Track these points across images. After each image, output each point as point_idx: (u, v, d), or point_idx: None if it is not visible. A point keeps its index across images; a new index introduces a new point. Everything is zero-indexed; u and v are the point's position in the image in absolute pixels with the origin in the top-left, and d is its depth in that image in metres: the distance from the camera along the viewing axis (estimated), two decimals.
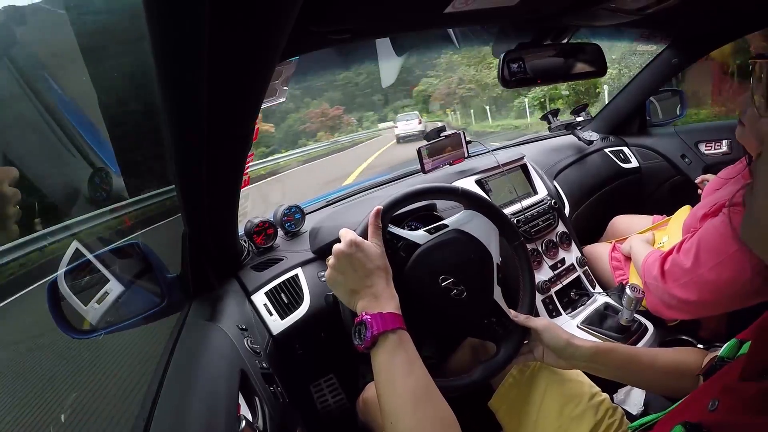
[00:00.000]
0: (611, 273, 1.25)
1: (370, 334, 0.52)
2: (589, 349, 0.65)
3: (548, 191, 1.30)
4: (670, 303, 0.88)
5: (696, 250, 0.81)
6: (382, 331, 0.52)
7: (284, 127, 22.25)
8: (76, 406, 2.23)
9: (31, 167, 0.87)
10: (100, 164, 0.93)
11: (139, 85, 1.29)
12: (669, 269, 0.88)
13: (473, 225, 0.75)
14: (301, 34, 0.60)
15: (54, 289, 0.69)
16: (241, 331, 0.73)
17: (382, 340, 0.53)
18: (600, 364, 0.66)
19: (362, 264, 0.59)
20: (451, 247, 0.72)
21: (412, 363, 0.52)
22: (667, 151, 1.69)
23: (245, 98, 0.46)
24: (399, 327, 0.54)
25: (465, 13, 0.67)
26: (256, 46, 0.38)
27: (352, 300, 0.59)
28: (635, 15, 0.91)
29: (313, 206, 1.26)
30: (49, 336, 2.83)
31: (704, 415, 0.33)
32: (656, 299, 0.92)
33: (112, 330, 0.72)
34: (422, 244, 0.70)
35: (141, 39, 0.33)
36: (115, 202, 2.75)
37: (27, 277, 3.66)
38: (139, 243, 0.79)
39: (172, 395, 0.52)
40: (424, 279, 0.69)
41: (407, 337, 0.54)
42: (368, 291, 0.57)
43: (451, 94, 19.43)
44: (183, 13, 0.31)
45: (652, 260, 0.95)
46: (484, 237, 0.74)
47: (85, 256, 0.77)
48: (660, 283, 0.88)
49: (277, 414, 0.60)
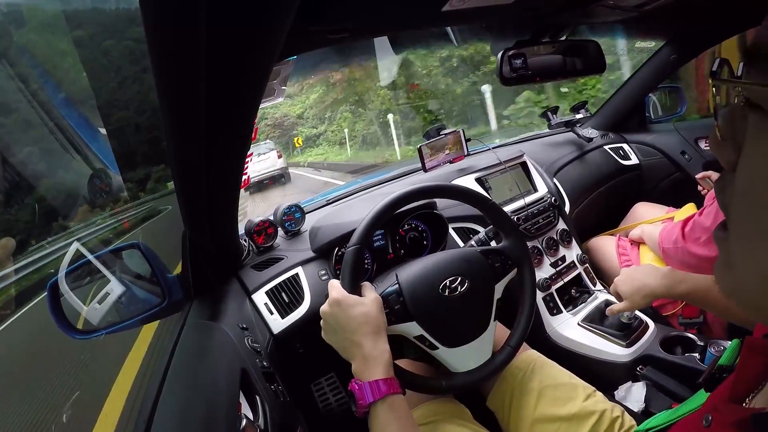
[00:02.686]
0: (617, 262, 1.28)
1: (361, 405, 0.53)
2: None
3: (548, 189, 1.30)
4: (690, 262, 0.96)
5: (716, 211, 0.88)
6: (372, 401, 0.53)
7: None
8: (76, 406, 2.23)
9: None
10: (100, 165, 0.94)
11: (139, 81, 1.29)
12: (689, 230, 0.97)
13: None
14: (299, 33, 0.60)
15: (55, 289, 0.69)
16: (241, 330, 0.73)
17: (373, 409, 0.53)
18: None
19: (346, 322, 0.58)
20: (481, 268, 0.73)
21: (405, 429, 0.53)
22: (666, 147, 1.69)
23: (244, 98, 0.46)
24: (389, 393, 0.53)
25: (463, 11, 0.67)
26: (254, 46, 0.38)
27: (348, 358, 0.59)
28: (633, 11, 0.91)
29: (313, 205, 1.26)
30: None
31: (700, 429, 0.33)
32: (675, 262, 1.01)
33: (113, 330, 0.72)
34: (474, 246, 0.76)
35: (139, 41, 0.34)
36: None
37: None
38: (139, 243, 0.80)
39: (174, 394, 0.53)
40: (428, 276, 0.70)
41: (399, 402, 0.54)
42: (358, 352, 0.57)
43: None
44: (180, 13, 0.31)
45: (670, 227, 1.05)
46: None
47: (85, 257, 0.77)
48: (680, 244, 0.98)
49: (278, 412, 0.60)
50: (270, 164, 9.56)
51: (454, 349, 0.69)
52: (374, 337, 0.58)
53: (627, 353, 0.97)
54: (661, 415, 0.54)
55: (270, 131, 13.90)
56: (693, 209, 1.29)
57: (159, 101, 0.41)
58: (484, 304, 0.72)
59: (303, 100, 13.96)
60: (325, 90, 13.02)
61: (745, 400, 0.33)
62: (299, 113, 14.03)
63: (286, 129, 14.02)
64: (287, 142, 13.48)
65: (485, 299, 0.72)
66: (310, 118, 13.84)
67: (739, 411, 0.30)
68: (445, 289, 0.69)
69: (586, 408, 0.71)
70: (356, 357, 0.57)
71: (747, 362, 0.34)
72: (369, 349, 0.57)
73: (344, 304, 0.59)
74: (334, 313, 0.59)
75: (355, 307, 0.59)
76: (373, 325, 0.59)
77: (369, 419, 0.54)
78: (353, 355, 0.58)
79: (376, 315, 0.60)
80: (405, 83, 9.62)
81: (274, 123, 14.00)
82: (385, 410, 0.53)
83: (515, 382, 0.77)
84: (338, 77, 11.94)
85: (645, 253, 1.24)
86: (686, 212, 1.29)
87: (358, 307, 0.59)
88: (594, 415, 0.70)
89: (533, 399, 0.74)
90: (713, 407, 0.34)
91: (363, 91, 11.56)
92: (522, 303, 0.77)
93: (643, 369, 0.93)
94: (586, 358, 1.03)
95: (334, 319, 0.59)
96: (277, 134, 13.69)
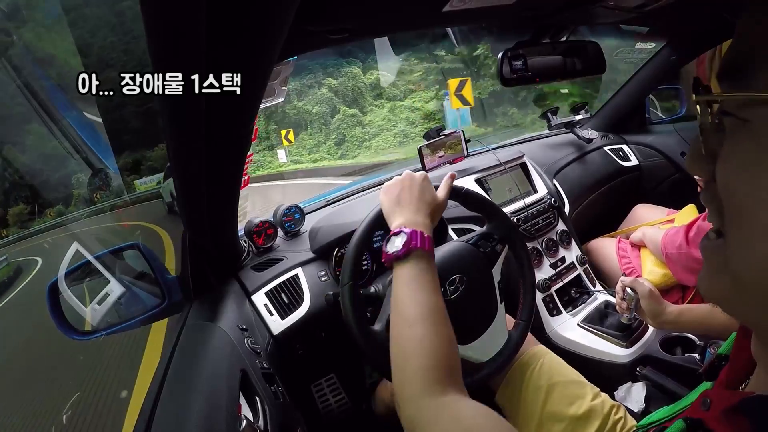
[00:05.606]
0: (617, 264, 1.28)
1: (407, 246, 0.52)
2: (674, 310, 0.77)
3: (548, 190, 1.30)
4: (694, 267, 0.96)
5: None
6: (419, 247, 0.53)
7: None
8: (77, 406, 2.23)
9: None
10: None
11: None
12: (694, 235, 0.96)
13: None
14: (298, 34, 0.60)
15: (54, 289, 0.69)
16: (241, 331, 0.73)
17: (415, 255, 0.52)
18: (685, 321, 0.76)
19: (423, 191, 0.61)
20: (473, 259, 0.74)
21: (437, 284, 0.53)
22: (666, 148, 1.69)
23: (244, 98, 0.46)
24: (432, 252, 0.55)
25: (463, 11, 0.67)
26: (254, 47, 0.38)
27: (395, 211, 0.59)
28: (633, 13, 0.91)
29: (312, 206, 1.26)
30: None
31: (699, 413, 0.33)
32: (679, 267, 1.01)
33: (113, 331, 0.72)
34: (457, 238, 0.76)
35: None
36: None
37: None
38: (139, 244, 0.79)
39: (173, 395, 0.52)
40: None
41: (435, 264, 0.55)
42: (412, 213, 0.58)
43: None
44: (180, 13, 0.31)
45: (673, 232, 1.05)
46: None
47: (85, 258, 0.77)
48: (684, 249, 0.98)
49: (277, 413, 0.60)
50: None
51: (472, 344, 0.70)
52: (434, 217, 0.61)
53: (627, 354, 0.97)
54: (662, 410, 0.54)
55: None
56: (693, 210, 1.29)
57: (159, 101, 0.41)
58: (487, 292, 0.73)
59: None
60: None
61: (740, 386, 0.33)
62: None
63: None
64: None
65: (487, 287, 0.73)
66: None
67: (731, 396, 0.31)
68: (446, 293, 0.69)
69: (594, 408, 0.71)
70: (408, 214, 0.58)
71: (741, 348, 0.34)
72: (424, 216, 0.59)
73: (430, 187, 0.63)
74: (421, 180, 0.62)
75: (435, 196, 0.63)
76: (437, 210, 0.63)
77: (400, 264, 0.53)
78: (405, 213, 0.58)
79: (441, 213, 0.64)
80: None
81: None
82: (427, 260, 0.53)
83: (524, 379, 0.77)
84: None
85: (646, 256, 1.24)
86: (686, 214, 1.29)
87: (438, 197, 0.63)
88: (600, 416, 0.70)
89: (542, 396, 0.74)
90: (710, 393, 0.34)
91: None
92: (522, 275, 0.79)
93: (643, 369, 0.93)
94: (586, 359, 1.03)
95: (416, 182, 0.62)
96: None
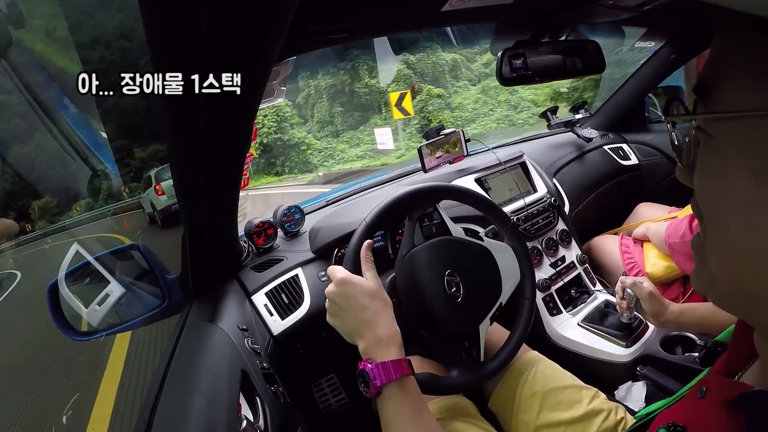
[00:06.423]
0: (620, 260, 1.29)
1: (374, 386, 0.51)
2: (676, 309, 0.79)
3: (548, 189, 1.30)
4: None
5: None
6: (386, 382, 0.51)
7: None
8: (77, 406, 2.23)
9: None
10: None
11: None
12: (696, 225, 0.96)
13: (503, 258, 0.78)
14: (298, 34, 0.60)
15: (54, 290, 0.69)
16: (241, 332, 0.73)
17: (387, 390, 0.51)
18: (686, 320, 0.77)
19: (355, 300, 0.56)
20: (475, 256, 0.75)
21: (419, 412, 0.52)
22: (666, 147, 1.69)
23: (244, 98, 0.46)
24: (403, 374, 0.52)
25: (462, 11, 0.67)
26: (253, 47, 0.38)
27: (354, 340, 0.56)
28: (633, 11, 0.91)
29: (312, 206, 1.26)
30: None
31: (695, 402, 0.33)
32: (682, 256, 1.03)
33: (113, 331, 0.72)
34: (453, 235, 0.75)
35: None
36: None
37: None
38: (139, 245, 0.79)
39: (174, 395, 0.52)
40: (434, 260, 0.71)
41: (412, 384, 0.53)
42: (369, 332, 0.55)
43: None
44: (179, 13, 0.31)
45: (677, 222, 1.07)
46: (505, 273, 0.77)
47: (85, 258, 0.77)
48: (688, 238, 0.99)
49: (278, 414, 0.60)
50: None
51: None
52: (386, 316, 0.56)
53: (627, 353, 0.97)
54: (661, 402, 0.54)
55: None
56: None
57: (159, 101, 0.41)
58: (487, 280, 0.75)
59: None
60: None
61: (737, 375, 0.34)
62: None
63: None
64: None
65: (486, 274, 0.76)
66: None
67: (729, 386, 0.31)
68: (446, 290, 0.69)
69: (590, 411, 0.71)
70: (366, 337, 0.55)
71: (739, 337, 0.35)
72: (382, 328, 0.55)
73: (351, 283, 0.57)
74: (342, 292, 0.57)
75: (363, 285, 0.57)
76: (383, 302, 0.57)
77: (380, 401, 0.52)
78: (363, 335, 0.55)
79: (384, 294, 0.59)
80: None
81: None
82: (400, 391, 0.51)
83: (517, 386, 0.77)
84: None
85: (649, 251, 1.24)
86: (689, 211, 1.29)
87: (366, 285, 0.57)
88: (598, 417, 0.70)
89: (536, 404, 0.73)
90: (706, 380, 0.35)
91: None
92: (519, 259, 0.80)
93: (644, 369, 0.93)
94: (586, 358, 1.03)
95: (343, 298, 0.57)
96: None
